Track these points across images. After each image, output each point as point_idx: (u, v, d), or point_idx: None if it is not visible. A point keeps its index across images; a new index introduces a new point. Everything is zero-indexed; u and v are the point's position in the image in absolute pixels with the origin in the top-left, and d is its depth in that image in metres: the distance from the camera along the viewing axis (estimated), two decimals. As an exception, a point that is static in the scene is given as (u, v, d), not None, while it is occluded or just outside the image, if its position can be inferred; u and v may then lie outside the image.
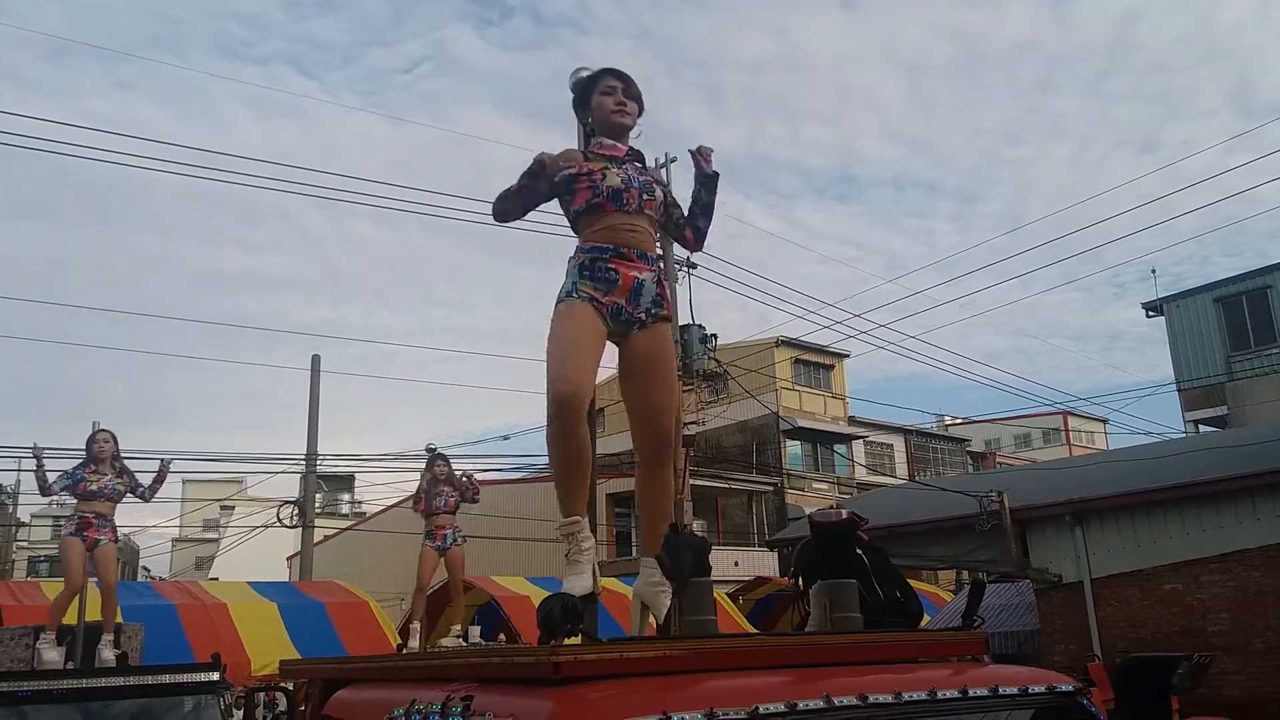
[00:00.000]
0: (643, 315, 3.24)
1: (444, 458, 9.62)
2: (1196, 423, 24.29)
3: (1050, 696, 2.42)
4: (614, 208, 3.27)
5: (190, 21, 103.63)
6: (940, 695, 2.20)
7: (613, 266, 3.20)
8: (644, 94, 3.55)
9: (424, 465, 9.62)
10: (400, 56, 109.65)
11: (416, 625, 9.21)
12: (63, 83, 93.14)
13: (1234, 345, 23.64)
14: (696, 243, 3.61)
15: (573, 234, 3.44)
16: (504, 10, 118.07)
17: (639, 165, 3.45)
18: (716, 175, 3.61)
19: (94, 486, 8.04)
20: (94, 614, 8.10)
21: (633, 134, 3.51)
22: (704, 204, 3.60)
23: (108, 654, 7.73)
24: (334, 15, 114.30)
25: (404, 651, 8.67)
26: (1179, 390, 24.53)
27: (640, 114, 3.52)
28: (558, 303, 3.20)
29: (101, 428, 8.31)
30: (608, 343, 3.24)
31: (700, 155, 3.58)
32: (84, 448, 8.21)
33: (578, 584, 2.79)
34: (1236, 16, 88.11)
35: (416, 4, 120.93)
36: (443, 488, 9.35)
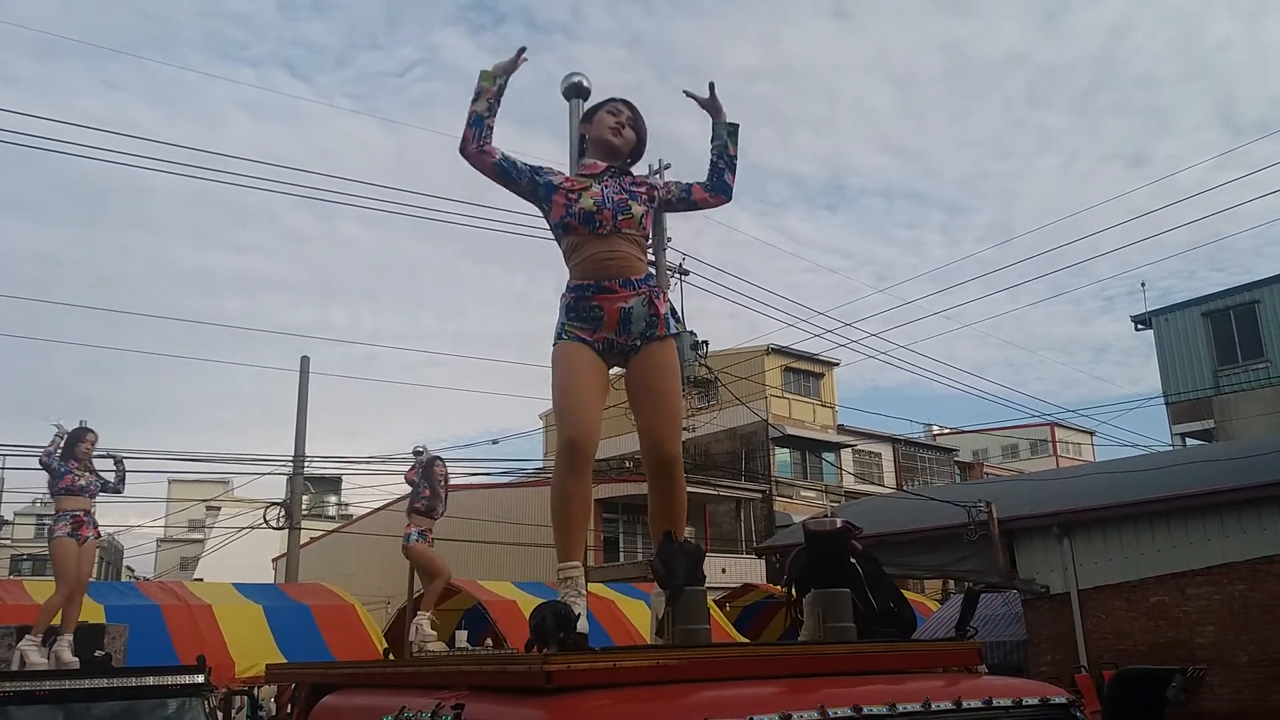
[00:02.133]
0: (637, 341, 3.26)
1: (440, 459, 9.54)
2: (1183, 436, 24.42)
3: (1044, 709, 2.41)
4: (586, 231, 3.26)
5: (182, 22, 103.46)
6: (935, 706, 2.19)
7: (596, 304, 3.22)
8: (643, 114, 3.55)
9: (424, 465, 9.47)
10: (393, 60, 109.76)
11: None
12: (53, 81, 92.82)
13: (1221, 359, 23.77)
14: (727, 198, 3.64)
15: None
16: (497, 16, 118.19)
17: (622, 179, 3.42)
18: (738, 125, 3.66)
19: (81, 482, 8.02)
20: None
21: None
22: (730, 158, 3.64)
23: (67, 655, 7.54)
24: (327, 18, 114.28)
25: (419, 645, 8.51)
26: (1166, 403, 24.64)
27: (636, 149, 3.52)
28: (554, 343, 3.26)
29: (90, 427, 8.27)
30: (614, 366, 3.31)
31: (715, 100, 3.64)
32: (65, 444, 8.12)
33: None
34: (1224, 33, 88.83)
35: (409, 8, 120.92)
36: (440, 489, 9.26)
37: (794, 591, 2.99)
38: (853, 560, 2.94)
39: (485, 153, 3.39)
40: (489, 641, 13.16)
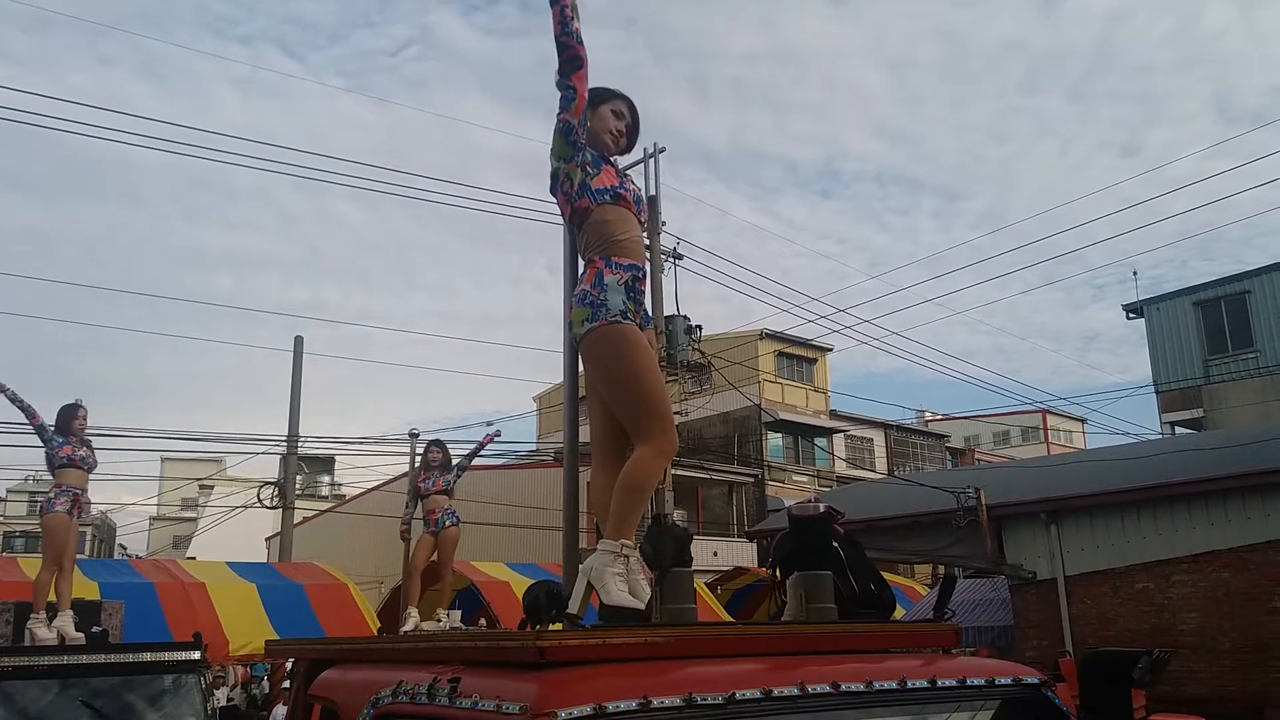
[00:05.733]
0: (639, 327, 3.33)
1: (438, 444, 9.64)
2: (1173, 424, 24.56)
3: (1016, 688, 2.50)
4: (633, 212, 3.33)
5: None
6: (910, 685, 2.27)
7: (641, 289, 3.27)
8: (631, 86, 3.56)
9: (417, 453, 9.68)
10: (386, 39, 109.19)
11: (413, 610, 9.11)
12: (46, 56, 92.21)
13: (1212, 349, 23.90)
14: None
15: (560, 215, 3.42)
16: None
17: None
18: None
19: (82, 452, 8.08)
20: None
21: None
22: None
23: (72, 631, 7.61)
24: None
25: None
26: (1157, 392, 24.79)
27: (625, 150, 3.54)
28: (613, 320, 3.13)
29: (79, 402, 8.33)
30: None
31: None
32: (59, 420, 8.17)
33: (639, 598, 2.86)
34: (1219, 23, 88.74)
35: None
36: (433, 471, 9.38)
37: (778, 574, 3.09)
38: (835, 544, 3.04)
39: (585, 81, 3.22)
40: (483, 622, 13.28)
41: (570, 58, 3.16)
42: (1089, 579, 14.83)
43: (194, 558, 32.82)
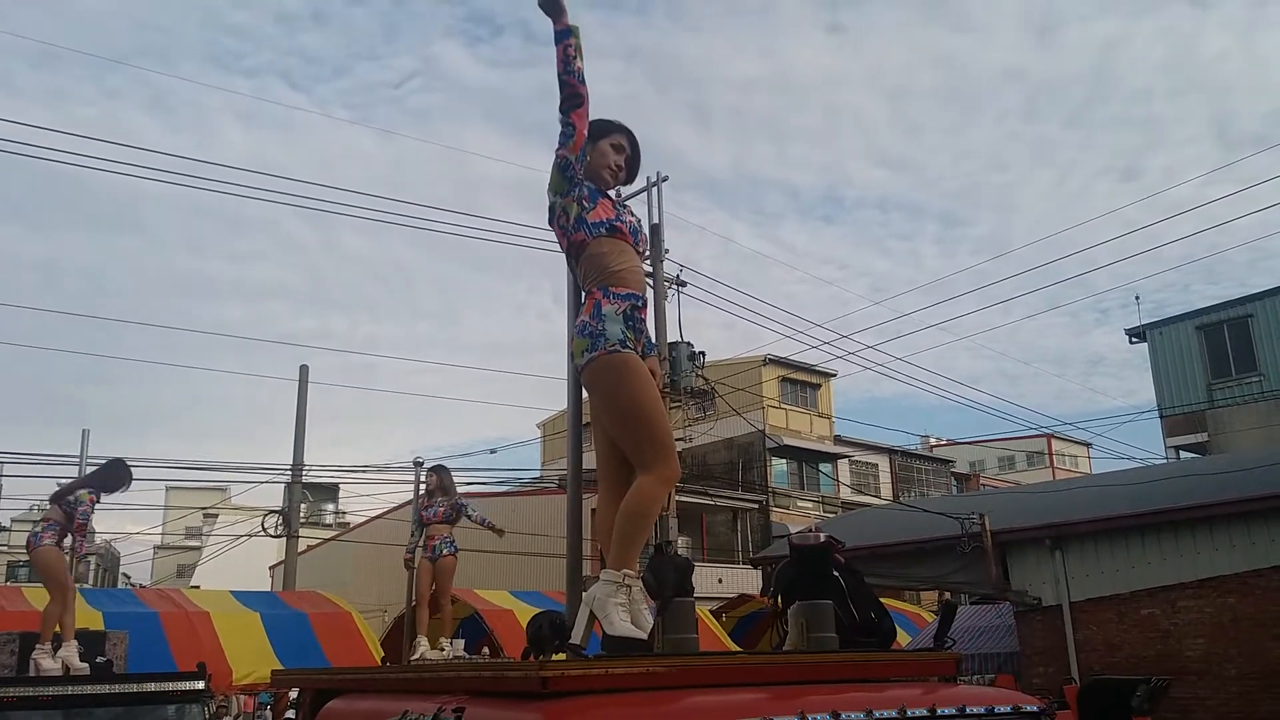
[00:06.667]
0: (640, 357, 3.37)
1: (441, 469, 9.66)
2: (1178, 449, 24.51)
3: (1016, 717, 2.52)
4: (630, 244, 3.38)
5: (181, 32, 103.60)
6: (910, 713, 2.30)
7: (642, 318, 3.33)
8: (633, 116, 3.64)
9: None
10: (391, 71, 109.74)
11: (421, 639, 9.08)
12: (53, 90, 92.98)
13: (1215, 373, 23.89)
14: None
15: (559, 246, 3.47)
16: (494, 28, 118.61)
17: None
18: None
19: (92, 524, 8.15)
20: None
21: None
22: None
23: (77, 662, 7.58)
24: (325, 29, 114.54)
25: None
26: (1161, 417, 24.76)
27: (625, 182, 3.60)
28: (612, 349, 3.18)
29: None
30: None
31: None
32: (106, 474, 8.23)
33: (642, 628, 2.86)
34: (1217, 48, 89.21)
35: (408, 19, 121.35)
36: (436, 498, 9.39)
37: (779, 603, 3.11)
38: (836, 573, 3.06)
39: (584, 119, 3.32)
40: (486, 651, 13.23)
41: (571, 95, 3.26)
42: (1094, 605, 14.76)
43: (198, 587, 32.76)
